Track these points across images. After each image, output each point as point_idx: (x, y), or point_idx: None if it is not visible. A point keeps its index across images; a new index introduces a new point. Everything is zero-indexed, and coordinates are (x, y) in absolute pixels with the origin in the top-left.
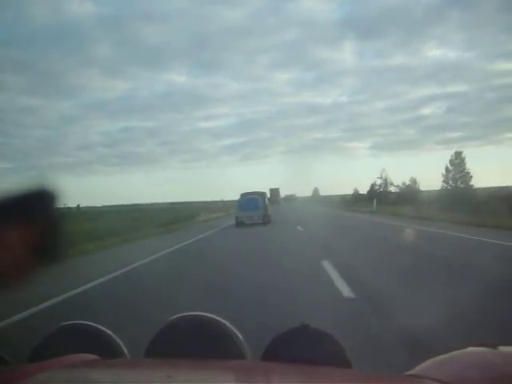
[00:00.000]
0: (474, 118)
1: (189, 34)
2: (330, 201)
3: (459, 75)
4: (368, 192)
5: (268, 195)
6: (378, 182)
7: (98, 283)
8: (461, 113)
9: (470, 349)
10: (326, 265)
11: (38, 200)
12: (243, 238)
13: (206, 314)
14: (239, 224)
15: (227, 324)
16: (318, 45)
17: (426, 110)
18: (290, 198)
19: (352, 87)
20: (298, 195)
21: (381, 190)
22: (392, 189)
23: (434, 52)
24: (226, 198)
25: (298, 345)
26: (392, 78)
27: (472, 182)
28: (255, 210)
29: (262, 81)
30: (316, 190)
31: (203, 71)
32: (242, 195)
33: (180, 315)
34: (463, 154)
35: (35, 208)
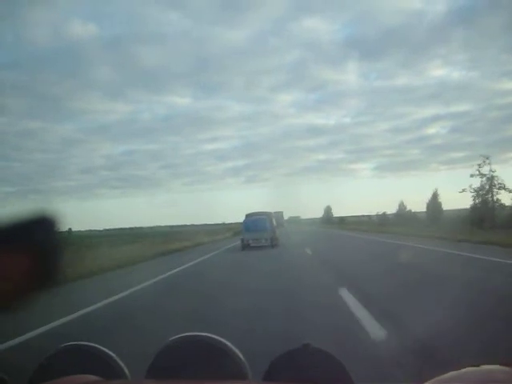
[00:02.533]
0: (479, 138)
1: (190, 56)
2: (343, 222)
3: (463, 95)
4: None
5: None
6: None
7: None
8: (465, 132)
9: (476, 368)
10: None
11: (33, 225)
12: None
13: (207, 335)
14: (245, 247)
15: (228, 344)
16: (320, 66)
17: (430, 130)
18: (295, 220)
19: (355, 108)
20: (302, 217)
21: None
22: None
23: (438, 72)
24: (227, 221)
25: (299, 365)
26: (396, 98)
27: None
28: (262, 231)
29: (265, 102)
30: (328, 210)
31: (205, 93)
32: (248, 216)
33: (181, 335)
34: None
35: (29, 233)
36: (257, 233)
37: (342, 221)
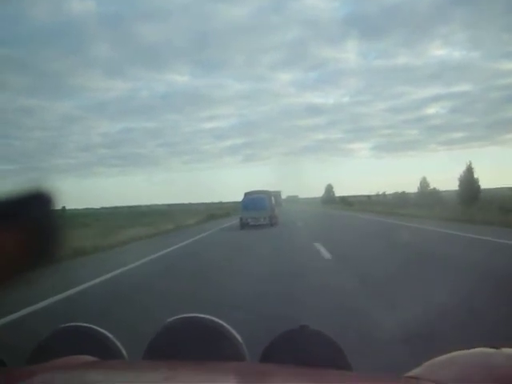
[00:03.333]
0: (478, 118)
1: (190, 33)
2: (345, 202)
3: (463, 75)
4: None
5: None
6: None
7: None
8: (464, 113)
9: (470, 350)
10: None
11: (27, 203)
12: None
13: (204, 316)
14: (244, 225)
15: (225, 325)
16: (320, 44)
17: (430, 111)
18: (293, 200)
19: (355, 88)
20: (300, 196)
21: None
22: None
23: (438, 52)
24: (225, 200)
25: (296, 346)
26: (395, 78)
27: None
28: (261, 210)
29: (265, 81)
30: (329, 188)
31: (205, 71)
32: (247, 194)
33: (178, 317)
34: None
35: (23, 210)
36: (256, 211)
37: (344, 200)
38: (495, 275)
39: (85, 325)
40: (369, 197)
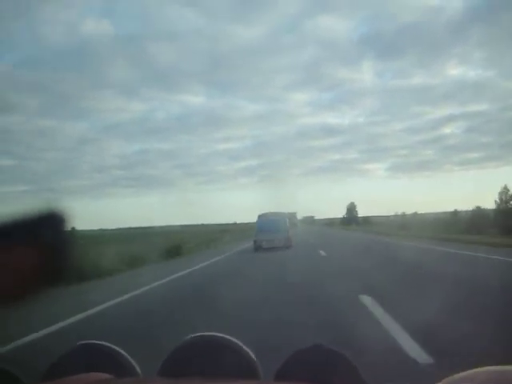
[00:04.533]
0: (494, 138)
1: (204, 54)
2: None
3: (479, 94)
4: None
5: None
6: None
7: None
8: (480, 132)
9: (484, 368)
10: None
11: (37, 224)
12: None
13: (219, 335)
14: (258, 248)
15: (240, 344)
16: (335, 64)
17: (446, 130)
18: (309, 221)
19: (370, 108)
20: (316, 217)
21: None
22: None
23: (454, 71)
24: (239, 221)
25: (311, 365)
26: (411, 98)
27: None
28: (276, 232)
29: (279, 102)
30: (352, 208)
31: (219, 92)
32: (261, 216)
33: (193, 335)
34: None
35: (33, 231)
36: (271, 234)
37: (367, 221)
38: None
39: (100, 342)
40: (387, 217)
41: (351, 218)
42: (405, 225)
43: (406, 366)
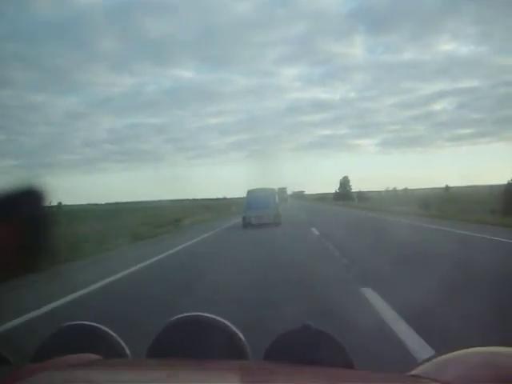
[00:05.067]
0: (486, 115)
1: (195, 28)
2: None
3: (471, 70)
4: None
5: None
6: None
7: None
8: (472, 109)
9: (473, 349)
10: None
11: (21, 199)
12: None
13: (207, 315)
14: (247, 225)
15: (229, 324)
16: (327, 39)
17: (437, 106)
18: (299, 195)
19: (361, 83)
20: (306, 192)
21: None
22: None
23: (447, 46)
24: (229, 196)
25: (299, 345)
26: (402, 73)
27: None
28: (265, 209)
29: (270, 76)
30: (345, 182)
31: (211, 66)
32: (250, 192)
33: (181, 315)
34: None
35: (17, 207)
36: (260, 210)
37: (361, 196)
38: None
39: (88, 323)
40: (379, 193)
41: (345, 193)
42: (400, 201)
43: None
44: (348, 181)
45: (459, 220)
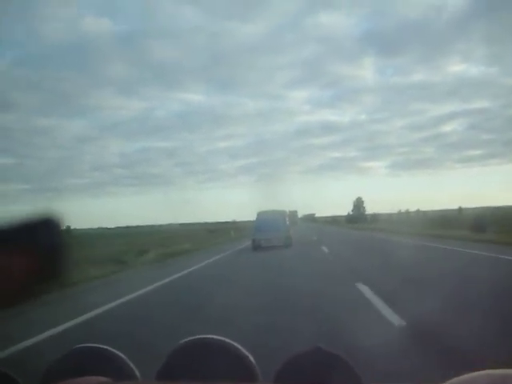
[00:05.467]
0: (496, 135)
1: (204, 52)
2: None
3: (481, 91)
4: None
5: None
6: None
7: None
8: (482, 130)
9: (485, 372)
10: None
11: (31, 227)
12: None
13: (218, 337)
14: (256, 247)
15: (239, 347)
16: (336, 61)
17: (447, 128)
18: (309, 218)
19: (371, 105)
20: (317, 215)
21: None
22: None
23: (456, 68)
24: (238, 219)
25: (310, 367)
26: (412, 95)
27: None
28: (276, 231)
29: (279, 99)
30: (359, 203)
31: (220, 90)
32: (260, 214)
33: (191, 338)
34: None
35: (28, 233)
36: (270, 233)
37: (375, 218)
38: None
39: (98, 346)
40: (390, 215)
41: (358, 215)
42: (416, 222)
43: None
44: (362, 202)
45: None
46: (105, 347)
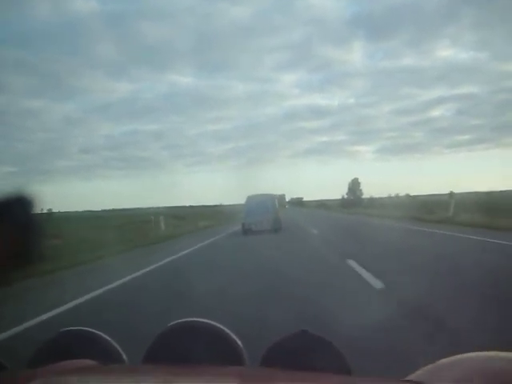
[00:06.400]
0: (484, 121)
1: (193, 33)
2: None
3: (470, 76)
4: None
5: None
6: None
7: None
8: (471, 115)
9: (473, 354)
10: None
11: (10, 206)
12: None
13: (204, 320)
14: (246, 231)
15: (226, 330)
16: (326, 44)
17: (435, 113)
18: (297, 202)
19: (360, 89)
20: (305, 199)
21: None
22: None
23: (446, 52)
24: (226, 203)
25: (296, 350)
26: (401, 79)
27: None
28: (265, 214)
29: (269, 82)
30: (355, 185)
31: (208, 72)
32: (249, 198)
33: (178, 321)
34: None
35: (6, 214)
36: (259, 216)
37: (373, 202)
38: None
39: (85, 329)
40: (381, 199)
41: (355, 199)
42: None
43: None
44: (358, 184)
45: None
46: (91, 330)
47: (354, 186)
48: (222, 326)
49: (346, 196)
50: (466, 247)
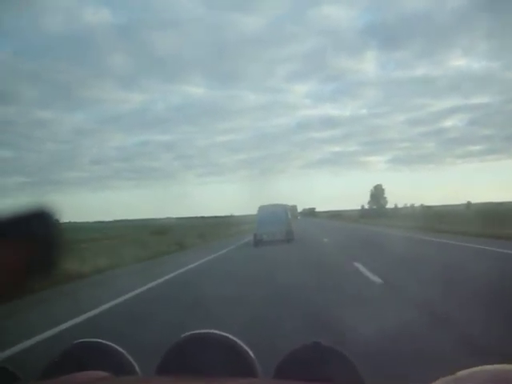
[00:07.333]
0: (496, 131)
1: (205, 44)
2: None
3: (483, 86)
4: None
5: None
6: None
7: None
8: (483, 125)
9: (490, 366)
10: None
11: (28, 219)
12: None
13: (217, 332)
14: (258, 242)
15: (239, 342)
16: (338, 55)
17: (448, 123)
18: (309, 213)
19: (372, 99)
20: (317, 209)
21: None
22: None
23: (458, 62)
24: (237, 213)
25: (309, 362)
26: (414, 89)
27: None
28: (277, 224)
29: (281, 93)
30: (379, 192)
31: (220, 83)
32: (261, 208)
33: (191, 332)
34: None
35: (22, 227)
36: (271, 226)
37: (396, 213)
38: None
39: (98, 340)
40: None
41: (378, 209)
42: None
43: None
44: (382, 191)
45: None
46: (105, 342)
47: (378, 193)
48: (234, 338)
49: (367, 206)
50: None
